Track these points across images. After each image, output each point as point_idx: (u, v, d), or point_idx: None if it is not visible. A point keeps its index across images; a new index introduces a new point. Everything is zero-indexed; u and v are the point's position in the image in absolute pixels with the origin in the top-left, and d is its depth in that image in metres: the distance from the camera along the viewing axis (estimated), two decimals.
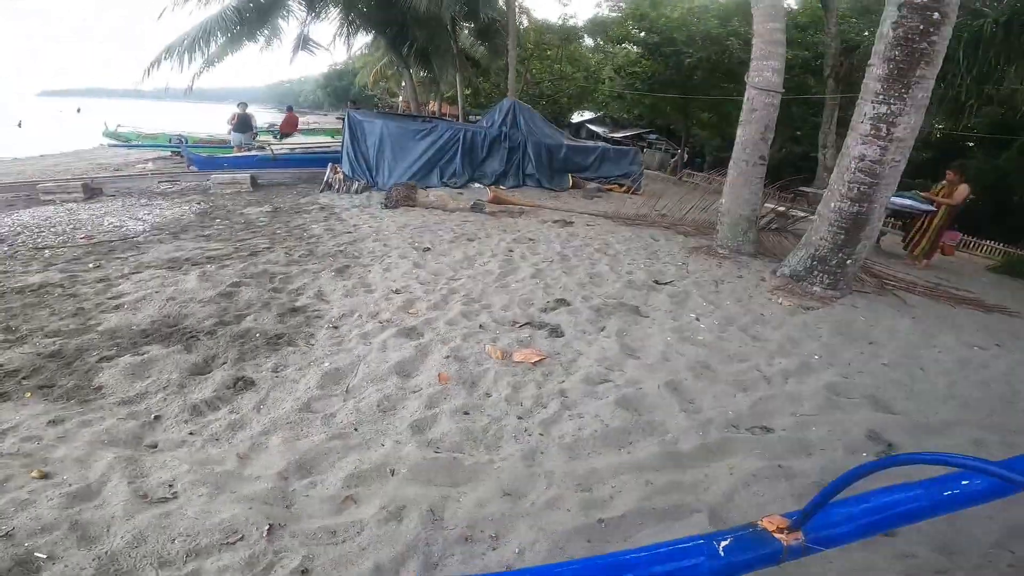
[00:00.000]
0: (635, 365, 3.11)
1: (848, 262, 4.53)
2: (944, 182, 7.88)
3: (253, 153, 11.11)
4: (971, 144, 17.41)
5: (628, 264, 5.38)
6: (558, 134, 11.17)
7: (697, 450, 2.30)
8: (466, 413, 2.57)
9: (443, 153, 9.46)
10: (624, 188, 10.80)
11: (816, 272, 4.65)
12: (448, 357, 3.08)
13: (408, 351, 3.14)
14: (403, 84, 24.21)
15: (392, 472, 2.11)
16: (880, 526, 0.82)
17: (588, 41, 27.09)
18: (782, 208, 7.62)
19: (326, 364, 2.97)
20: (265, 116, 28.95)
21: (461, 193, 8.87)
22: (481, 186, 9.46)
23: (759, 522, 0.79)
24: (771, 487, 2.04)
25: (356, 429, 2.41)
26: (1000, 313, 5.16)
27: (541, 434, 2.41)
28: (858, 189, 4.27)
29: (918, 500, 0.83)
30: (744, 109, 5.64)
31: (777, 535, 0.76)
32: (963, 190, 7.88)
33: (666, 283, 4.82)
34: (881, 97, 4.06)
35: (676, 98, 20.62)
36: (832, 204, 4.46)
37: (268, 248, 5.38)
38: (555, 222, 7.22)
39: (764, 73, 5.47)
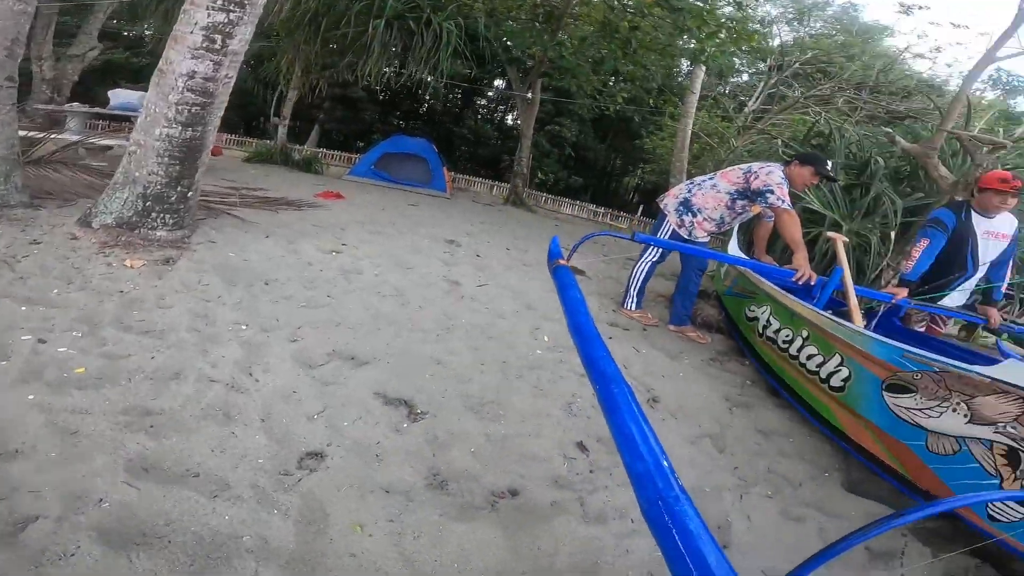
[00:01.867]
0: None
1: (189, 195, 3.76)
2: None
3: None
4: None
5: None
6: None
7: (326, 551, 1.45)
8: None
9: None
10: None
11: (155, 213, 3.63)
12: None
13: None
14: None
15: None
16: None
17: None
18: (40, 135, 5.38)
19: None
20: None
21: None
22: None
23: None
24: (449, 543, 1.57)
25: None
26: (308, 207, 5.88)
27: None
28: (189, 111, 3.47)
29: None
30: None
31: None
32: None
33: None
34: (220, 3, 3.36)
35: None
36: (157, 131, 3.45)
37: None
38: None
39: None
